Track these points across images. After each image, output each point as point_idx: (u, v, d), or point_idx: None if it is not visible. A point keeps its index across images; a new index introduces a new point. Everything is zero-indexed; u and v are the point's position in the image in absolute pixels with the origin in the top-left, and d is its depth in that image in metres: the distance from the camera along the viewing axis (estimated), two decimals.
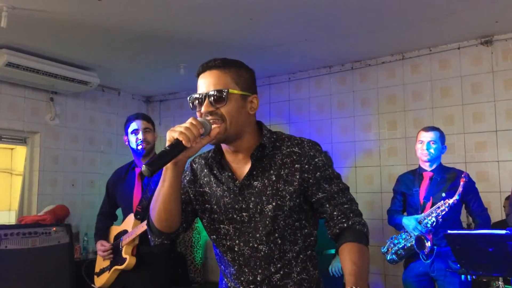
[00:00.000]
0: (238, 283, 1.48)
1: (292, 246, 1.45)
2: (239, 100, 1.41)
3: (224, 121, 1.37)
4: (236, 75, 1.42)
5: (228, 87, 1.38)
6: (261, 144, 1.44)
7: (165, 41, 4.26)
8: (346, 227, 1.42)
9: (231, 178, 1.46)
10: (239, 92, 1.40)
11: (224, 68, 1.41)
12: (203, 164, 1.55)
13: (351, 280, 1.28)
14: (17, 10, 3.48)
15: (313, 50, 4.58)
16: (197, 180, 1.54)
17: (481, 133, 4.22)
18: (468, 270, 2.33)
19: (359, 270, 1.31)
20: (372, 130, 4.83)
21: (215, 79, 1.39)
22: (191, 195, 1.54)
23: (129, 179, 2.86)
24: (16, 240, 3.27)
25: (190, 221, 1.55)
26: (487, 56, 4.24)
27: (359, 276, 1.29)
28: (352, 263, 1.33)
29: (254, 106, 1.45)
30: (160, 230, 1.44)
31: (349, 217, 1.43)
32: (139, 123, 2.82)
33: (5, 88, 4.91)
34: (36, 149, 5.25)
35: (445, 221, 3.05)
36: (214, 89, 1.37)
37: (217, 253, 1.56)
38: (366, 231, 1.43)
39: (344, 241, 1.40)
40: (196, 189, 1.53)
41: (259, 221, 1.43)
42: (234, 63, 1.44)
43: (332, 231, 1.45)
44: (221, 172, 1.49)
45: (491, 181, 4.09)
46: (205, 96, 1.38)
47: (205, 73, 1.42)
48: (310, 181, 1.43)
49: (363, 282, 1.28)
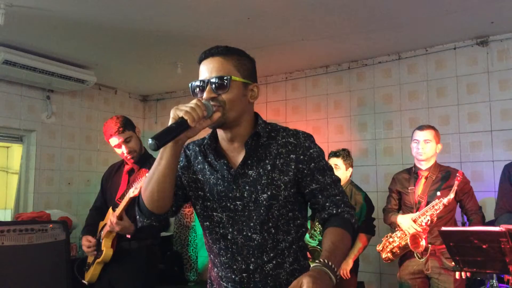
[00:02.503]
0: (230, 271, 1.48)
1: (286, 236, 1.46)
2: (241, 87, 1.42)
3: (224, 107, 1.38)
4: (238, 62, 1.43)
5: (230, 74, 1.39)
6: (256, 132, 1.45)
7: (162, 40, 4.27)
8: (335, 213, 1.45)
9: (226, 166, 1.47)
10: (241, 80, 1.42)
11: (226, 55, 1.42)
12: (197, 151, 1.55)
13: (325, 254, 1.30)
14: (14, 8, 3.48)
15: (310, 50, 4.59)
16: (190, 166, 1.54)
17: (476, 133, 4.24)
18: (462, 267, 2.35)
19: (335, 248, 1.33)
20: (368, 129, 4.85)
21: (218, 66, 1.40)
22: (184, 181, 1.54)
23: (119, 175, 2.90)
24: (12, 237, 3.26)
25: (180, 205, 1.56)
26: (483, 57, 4.27)
27: (334, 253, 1.31)
28: (331, 242, 1.35)
29: (254, 95, 1.47)
30: (151, 210, 1.43)
31: (339, 206, 1.46)
32: (115, 140, 2.79)
33: (1, 86, 4.89)
34: (33, 147, 5.25)
35: (440, 220, 3.07)
36: (217, 75, 1.38)
37: (207, 242, 1.56)
38: (353, 222, 1.46)
39: (329, 225, 1.43)
40: (190, 176, 1.54)
41: (253, 210, 1.44)
42: (236, 51, 1.46)
43: (321, 215, 1.48)
44: (216, 159, 1.49)
45: (486, 181, 4.11)
46: (207, 82, 1.39)
47: (207, 59, 1.43)
48: (304, 171, 1.45)
49: (336, 259, 1.29)
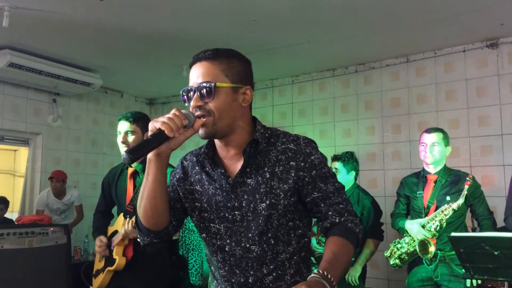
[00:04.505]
0: (228, 285, 1.42)
1: (286, 247, 1.40)
2: (230, 93, 1.35)
3: (212, 115, 1.33)
4: (227, 66, 1.36)
5: (217, 79, 1.33)
6: (254, 139, 1.39)
7: (168, 43, 4.25)
8: (338, 223, 1.38)
9: (224, 175, 1.41)
10: (229, 85, 1.35)
11: (214, 60, 1.36)
12: (194, 161, 1.50)
13: (324, 265, 1.24)
14: (19, 10, 3.48)
15: (317, 53, 4.55)
16: (187, 177, 1.49)
17: (486, 137, 4.17)
18: (472, 274, 2.27)
19: (335, 259, 1.28)
20: (376, 133, 4.78)
21: (204, 71, 1.35)
22: (180, 193, 1.49)
23: (123, 179, 2.82)
24: (13, 240, 3.24)
25: (180, 219, 1.50)
26: (493, 59, 4.20)
27: (333, 265, 1.25)
28: (331, 253, 1.30)
29: (247, 98, 1.39)
30: (148, 228, 1.39)
31: (342, 215, 1.39)
32: (120, 125, 2.68)
33: (7, 89, 4.91)
34: (38, 150, 5.25)
35: (450, 225, 2.99)
36: (202, 82, 1.34)
37: (206, 254, 1.52)
38: (357, 231, 1.38)
39: (331, 234, 1.37)
40: (186, 187, 1.48)
41: (251, 220, 1.38)
42: (226, 53, 1.39)
43: (323, 224, 1.41)
44: (213, 169, 1.44)
45: (496, 186, 4.03)
46: (194, 90, 1.35)
47: (195, 64, 1.38)
48: (305, 179, 1.38)
49: (335, 271, 1.23)
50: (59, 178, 4.92)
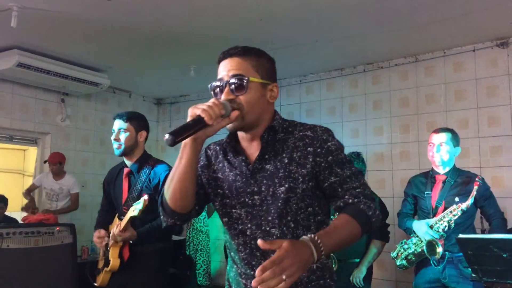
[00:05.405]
0: (249, 268, 1.46)
1: (305, 231, 1.42)
2: (259, 88, 1.42)
3: (242, 109, 1.38)
4: (256, 63, 1.43)
5: (249, 74, 1.40)
6: (271, 126, 1.45)
7: (176, 43, 4.25)
8: (350, 203, 1.39)
9: (244, 162, 1.47)
10: (259, 81, 1.42)
11: (244, 56, 1.42)
12: (218, 150, 1.57)
13: (320, 232, 1.25)
14: (27, 10, 3.50)
15: (324, 52, 4.52)
16: (211, 165, 1.56)
17: (496, 137, 4.12)
18: (481, 276, 2.24)
19: (334, 231, 1.29)
20: (384, 133, 4.75)
21: (236, 66, 1.40)
22: (204, 179, 1.55)
23: (119, 179, 2.84)
24: (18, 240, 3.25)
25: (202, 204, 1.56)
26: (503, 58, 4.14)
27: (329, 235, 1.26)
28: (332, 225, 1.32)
29: (274, 95, 1.47)
30: (174, 209, 1.44)
31: (358, 197, 1.39)
32: (115, 123, 2.72)
33: (16, 89, 4.94)
34: (47, 150, 5.28)
35: (458, 226, 2.95)
36: (235, 76, 1.39)
37: (228, 239, 1.56)
38: (370, 214, 1.37)
39: (342, 212, 1.38)
40: (210, 174, 1.55)
41: (271, 204, 1.42)
42: (255, 51, 1.45)
43: (336, 203, 1.42)
44: (235, 156, 1.50)
45: (507, 187, 3.98)
46: (225, 83, 1.40)
47: (225, 60, 1.43)
48: (322, 165, 1.42)
49: (329, 240, 1.23)
50: (54, 160, 4.90)
